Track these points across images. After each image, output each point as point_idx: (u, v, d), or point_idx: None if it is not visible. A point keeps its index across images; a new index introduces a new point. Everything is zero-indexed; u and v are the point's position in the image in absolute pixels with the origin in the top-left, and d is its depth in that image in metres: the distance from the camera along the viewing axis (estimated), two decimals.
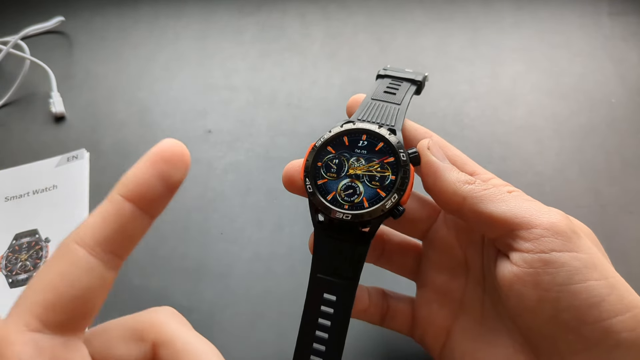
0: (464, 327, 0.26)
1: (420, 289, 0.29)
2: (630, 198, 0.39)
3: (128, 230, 0.17)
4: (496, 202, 0.23)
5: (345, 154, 0.26)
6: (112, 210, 0.17)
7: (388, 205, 0.24)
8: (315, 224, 0.26)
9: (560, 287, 0.21)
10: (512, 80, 0.47)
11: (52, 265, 0.16)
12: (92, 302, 0.17)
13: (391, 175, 0.25)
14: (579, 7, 0.53)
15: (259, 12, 0.55)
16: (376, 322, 0.30)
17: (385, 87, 0.29)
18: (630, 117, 0.44)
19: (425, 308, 0.28)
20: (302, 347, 0.26)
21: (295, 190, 0.28)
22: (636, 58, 0.48)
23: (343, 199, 0.25)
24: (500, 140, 0.43)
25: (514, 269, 0.22)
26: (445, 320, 0.27)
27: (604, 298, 0.21)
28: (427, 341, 0.28)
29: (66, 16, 0.54)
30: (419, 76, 0.29)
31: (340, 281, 0.25)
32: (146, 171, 0.17)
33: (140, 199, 0.17)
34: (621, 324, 0.20)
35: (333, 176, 0.25)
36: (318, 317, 0.25)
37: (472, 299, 0.27)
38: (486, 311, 0.26)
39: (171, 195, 0.18)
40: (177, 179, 0.17)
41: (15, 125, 0.47)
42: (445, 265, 0.28)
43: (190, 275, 0.37)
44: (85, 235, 0.17)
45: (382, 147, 0.25)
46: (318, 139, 0.26)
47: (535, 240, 0.22)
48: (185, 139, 0.44)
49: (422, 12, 0.54)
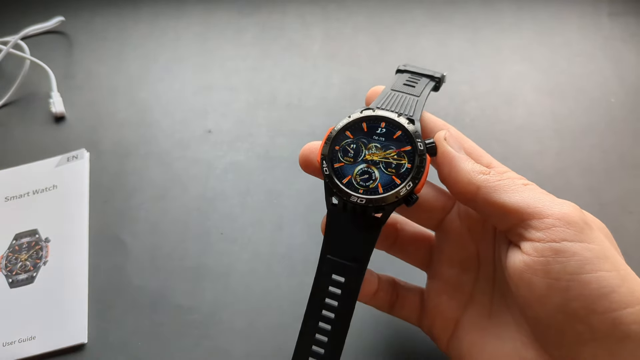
0: (472, 319, 0.27)
1: (430, 280, 0.29)
2: (630, 198, 0.39)
3: None
4: (510, 193, 0.23)
5: (363, 140, 0.26)
6: None
7: (402, 192, 0.24)
8: (329, 207, 0.26)
9: (570, 275, 0.21)
10: (512, 80, 0.47)
11: None
12: None
13: (407, 163, 0.25)
14: (579, 7, 0.53)
15: (259, 12, 0.55)
16: (385, 309, 0.30)
17: (405, 80, 0.29)
18: (629, 117, 0.44)
19: (435, 299, 0.28)
20: (309, 326, 0.26)
21: (311, 171, 0.28)
22: (635, 58, 0.48)
23: (358, 183, 0.25)
24: (500, 140, 0.43)
25: (525, 257, 0.23)
26: (454, 311, 0.27)
27: (615, 289, 0.21)
28: (434, 332, 0.28)
29: (66, 16, 0.54)
30: (438, 74, 0.30)
31: (349, 263, 0.25)
32: None
33: None
34: (631, 316, 0.20)
35: (350, 160, 0.26)
36: (325, 297, 0.26)
37: (482, 292, 0.27)
38: (495, 304, 0.26)
39: None
40: None
41: (15, 125, 0.47)
42: (457, 258, 0.28)
43: (190, 275, 0.37)
44: None
45: (400, 135, 0.26)
46: (337, 124, 0.26)
47: (547, 229, 0.22)
48: (185, 139, 0.44)
49: (422, 12, 0.54)
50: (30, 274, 0.37)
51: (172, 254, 0.38)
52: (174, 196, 0.41)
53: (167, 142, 0.45)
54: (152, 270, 0.37)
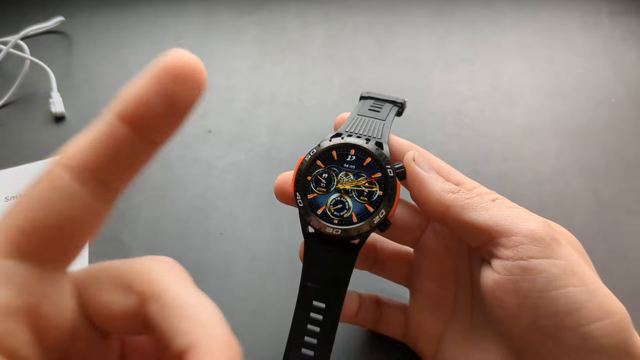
0: (455, 334, 0.27)
1: (412, 296, 0.29)
2: (630, 198, 0.39)
3: (122, 156, 0.14)
4: (478, 210, 0.23)
5: (334, 169, 0.26)
6: (105, 131, 0.14)
7: (376, 220, 0.25)
8: (306, 236, 0.26)
9: (538, 293, 0.21)
10: (512, 80, 0.47)
11: (32, 188, 0.14)
12: (75, 235, 0.14)
13: (379, 190, 0.25)
14: (579, 6, 0.53)
15: (259, 12, 0.55)
16: (369, 326, 0.30)
17: (369, 106, 0.30)
18: (630, 117, 0.44)
19: (418, 315, 0.28)
20: (291, 353, 0.26)
21: (287, 201, 0.28)
22: (636, 58, 0.48)
23: (333, 213, 0.26)
24: (500, 140, 0.43)
25: (495, 276, 0.23)
26: (437, 327, 0.27)
27: (583, 304, 0.21)
28: (419, 347, 0.29)
29: (66, 16, 0.54)
30: (400, 99, 0.31)
31: (329, 289, 0.26)
32: (149, 88, 0.14)
33: (139, 120, 0.14)
34: (600, 330, 0.21)
35: (323, 190, 0.26)
36: (307, 324, 0.26)
37: (463, 306, 0.27)
38: (476, 319, 0.26)
39: (179, 121, 0.14)
40: (188, 101, 0.14)
41: (15, 125, 0.47)
42: (436, 274, 0.28)
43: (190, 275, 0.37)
44: (72, 158, 0.14)
45: (369, 162, 0.26)
46: (307, 153, 0.27)
47: (514, 247, 0.22)
48: (185, 139, 0.44)
49: (422, 11, 0.54)
50: None
51: (172, 254, 0.37)
52: (174, 196, 0.41)
53: None
54: None
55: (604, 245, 0.36)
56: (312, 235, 0.26)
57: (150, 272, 0.16)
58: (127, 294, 0.15)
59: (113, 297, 0.15)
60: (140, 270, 0.16)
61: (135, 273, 0.16)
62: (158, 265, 0.16)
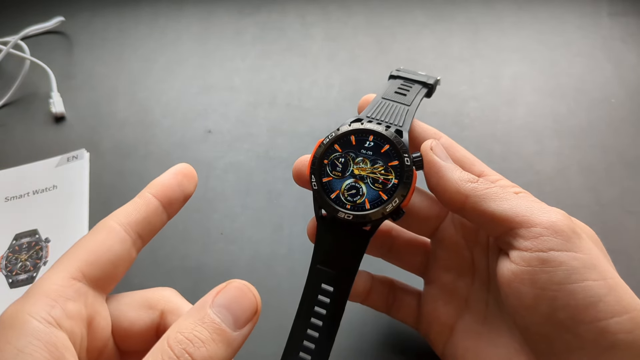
0: (467, 325, 0.27)
1: (427, 286, 0.29)
2: (630, 198, 0.39)
3: (152, 220, 0.22)
4: (498, 201, 0.23)
5: (351, 154, 0.26)
6: (142, 202, 0.22)
7: (389, 209, 0.25)
8: (318, 218, 0.26)
9: (557, 285, 0.21)
10: (512, 80, 0.47)
11: (91, 235, 0.21)
12: (119, 269, 0.21)
13: (394, 179, 0.25)
14: (579, 7, 0.53)
15: (259, 12, 0.55)
16: (382, 310, 0.30)
17: (397, 87, 0.29)
18: (629, 117, 0.44)
19: (431, 304, 0.28)
20: (297, 334, 0.26)
21: (304, 184, 0.28)
22: (635, 58, 0.48)
23: (346, 198, 0.25)
24: (500, 140, 0.43)
25: (513, 267, 0.23)
26: (449, 317, 0.27)
27: (601, 298, 0.21)
28: (431, 336, 0.28)
29: (66, 16, 0.54)
30: (431, 79, 0.30)
31: (338, 273, 0.25)
32: (170, 179, 0.23)
33: (164, 198, 0.22)
34: (618, 325, 0.20)
35: (338, 175, 0.26)
36: (315, 306, 0.26)
37: (477, 298, 0.27)
38: (490, 311, 0.26)
39: (184, 202, 0.23)
40: (190, 191, 0.24)
41: (15, 125, 0.47)
42: (453, 265, 0.28)
43: (190, 275, 0.37)
44: (120, 216, 0.21)
45: (387, 149, 0.26)
46: (326, 136, 0.27)
47: (534, 238, 0.22)
48: (185, 139, 0.44)
49: (422, 12, 0.54)
50: (31, 274, 0.37)
51: (172, 254, 0.38)
52: None
53: (167, 142, 0.45)
54: (152, 271, 0.37)
55: (604, 245, 0.36)
56: (324, 218, 0.26)
57: (167, 295, 0.23)
58: (151, 310, 0.22)
59: (139, 314, 0.21)
60: (159, 293, 0.23)
61: (155, 295, 0.22)
62: (169, 291, 0.23)
